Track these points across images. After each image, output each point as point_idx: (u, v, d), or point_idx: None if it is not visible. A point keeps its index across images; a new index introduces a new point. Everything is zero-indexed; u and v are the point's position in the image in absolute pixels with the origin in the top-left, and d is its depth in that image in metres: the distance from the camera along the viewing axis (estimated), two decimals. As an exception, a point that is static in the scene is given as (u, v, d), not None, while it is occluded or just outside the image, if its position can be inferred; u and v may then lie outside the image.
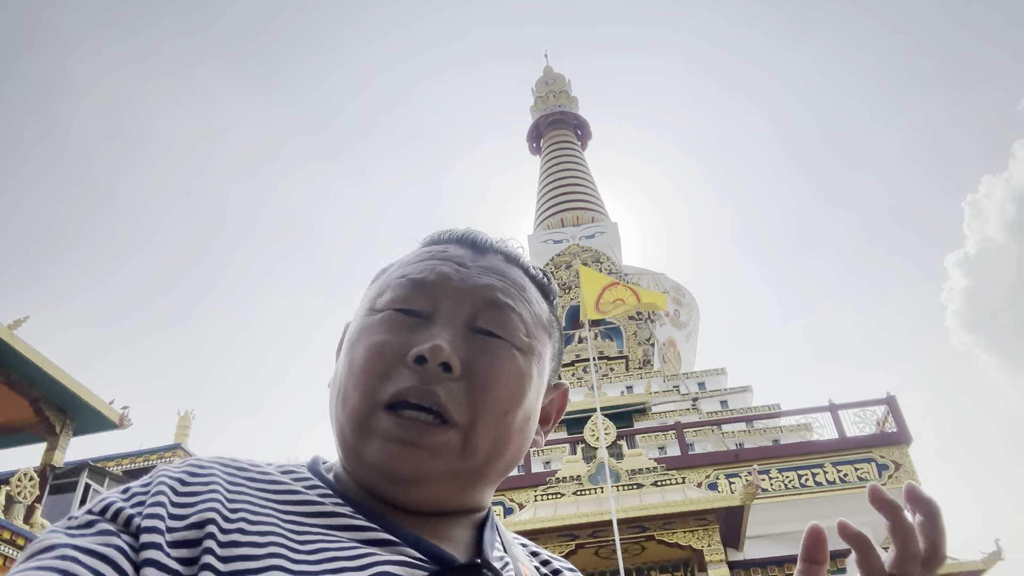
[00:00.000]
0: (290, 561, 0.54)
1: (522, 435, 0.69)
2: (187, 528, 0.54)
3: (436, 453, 0.62)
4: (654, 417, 18.75)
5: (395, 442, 0.62)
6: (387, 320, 0.68)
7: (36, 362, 12.80)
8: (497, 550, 0.69)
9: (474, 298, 0.69)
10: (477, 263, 0.73)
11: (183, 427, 20.28)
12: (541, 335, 0.73)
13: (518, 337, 0.69)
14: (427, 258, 0.73)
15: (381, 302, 0.70)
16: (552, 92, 36.14)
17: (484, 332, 0.68)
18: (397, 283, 0.71)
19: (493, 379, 0.66)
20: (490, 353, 0.67)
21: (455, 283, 0.70)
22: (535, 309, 0.74)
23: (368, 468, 0.64)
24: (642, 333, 23.89)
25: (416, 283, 0.70)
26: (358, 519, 0.61)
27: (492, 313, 0.69)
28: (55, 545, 0.51)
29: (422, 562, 0.59)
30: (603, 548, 12.07)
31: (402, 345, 0.65)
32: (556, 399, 0.78)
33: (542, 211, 30.94)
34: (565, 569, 0.79)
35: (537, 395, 0.72)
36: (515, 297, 0.72)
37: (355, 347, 0.68)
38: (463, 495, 0.67)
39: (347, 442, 0.66)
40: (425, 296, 0.69)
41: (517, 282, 0.74)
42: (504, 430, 0.66)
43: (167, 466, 0.62)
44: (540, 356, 0.72)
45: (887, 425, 14.22)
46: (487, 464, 0.66)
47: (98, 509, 0.56)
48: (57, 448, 13.99)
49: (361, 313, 0.72)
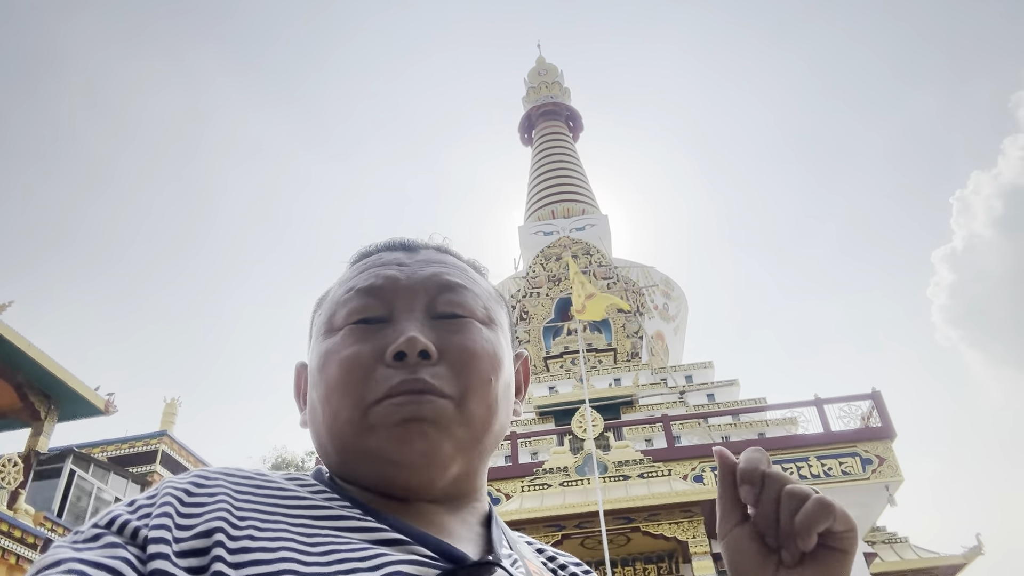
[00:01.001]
0: (302, 564, 0.54)
1: (507, 401, 0.73)
2: (194, 537, 0.54)
3: (437, 423, 0.64)
4: (641, 409, 18.82)
5: (398, 423, 0.64)
6: (349, 334, 0.70)
7: (20, 347, 12.71)
8: (505, 547, 0.70)
9: (426, 288, 0.73)
10: (414, 259, 0.76)
11: (169, 414, 20.16)
12: (495, 307, 0.78)
13: (478, 312, 0.73)
14: (365, 268, 0.76)
15: (336, 320, 0.72)
16: (544, 83, 36.04)
17: (446, 316, 0.71)
18: (346, 298, 0.73)
19: (470, 354, 0.69)
20: (459, 332, 0.70)
21: (403, 281, 0.73)
22: (483, 285, 0.78)
23: (376, 459, 0.65)
24: (631, 326, 23.94)
25: (365, 291, 0.72)
26: (367, 520, 0.62)
27: (448, 295, 0.73)
28: (62, 560, 0.50)
29: (434, 560, 0.59)
30: (589, 539, 12.13)
31: (375, 349, 0.67)
32: (520, 368, 0.83)
33: (533, 202, 30.91)
34: (571, 564, 0.80)
35: (510, 362, 0.76)
36: (462, 277, 0.76)
37: (326, 368, 0.69)
38: (467, 468, 0.69)
39: (348, 446, 0.67)
40: (378, 301, 0.71)
41: (457, 265, 0.78)
42: (492, 397, 0.69)
43: (173, 477, 0.62)
44: (501, 326, 0.77)
45: (872, 420, 14.33)
46: (483, 432, 0.68)
47: (104, 522, 0.56)
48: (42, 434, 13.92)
49: (318, 339, 0.74)
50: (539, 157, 32.65)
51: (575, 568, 0.79)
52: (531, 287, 24.95)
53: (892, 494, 13.37)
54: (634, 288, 24.93)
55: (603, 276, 24.81)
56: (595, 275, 24.66)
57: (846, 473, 13.45)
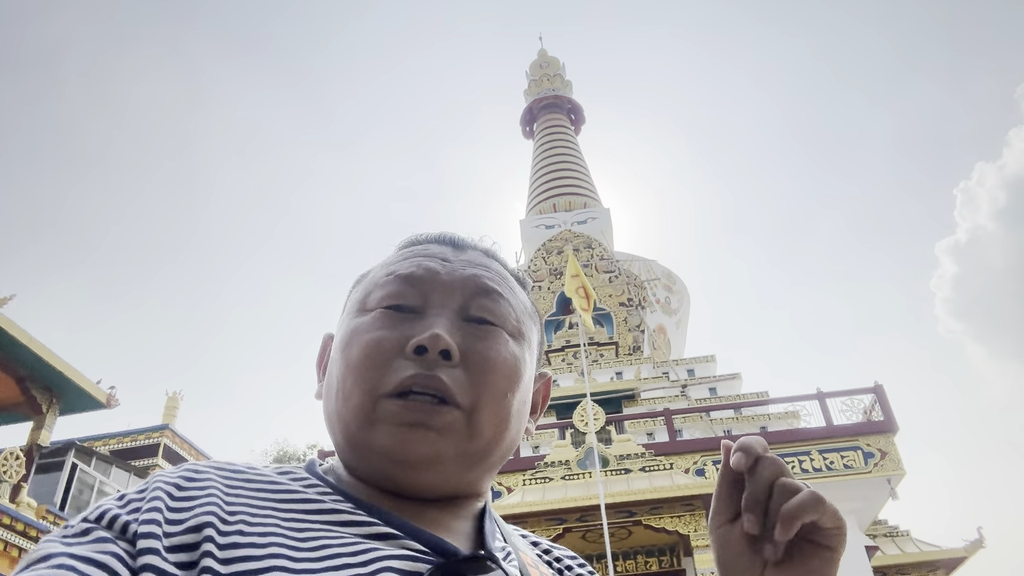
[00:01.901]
0: (292, 560, 0.53)
1: (520, 418, 0.72)
2: (184, 532, 0.54)
3: (444, 433, 0.63)
4: (643, 403, 18.82)
5: (404, 425, 0.63)
6: (379, 317, 0.69)
7: (22, 341, 12.72)
8: (499, 540, 0.69)
9: (463, 288, 0.72)
10: (459, 258, 0.75)
11: (171, 407, 20.19)
12: (528, 322, 0.76)
13: (509, 323, 0.72)
14: (410, 256, 0.75)
15: (370, 301, 0.72)
16: (546, 76, 35.94)
17: (476, 320, 0.70)
18: (385, 280, 0.73)
19: (491, 364, 0.67)
20: (485, 339, 0.69)
21: (443, 276, 0.72)
22: (521, 298, 0.77)
23: (377, 455, 0.64)
24: (632, 319, 23.93)
25: (404, 278, 0.72)
26: (359, 514, 0.61)
27: (483, 300, 0.71)
28: (51, 554, 0.50)
29: (425, 554, 0.59)
30: (590, 532, 12.14)
31: (399, 338, 0.67)
32: (540, 388, 0.81)
33: (534, 196, 30.86)
34: (566, 557, 0.80)
35: (530, 380, 0.74)
36: (501, 285, 0.75)
37: (350, 347, 0.68)
38: (468, 478, 0.68)
39: (352, 436, 0.66)
40: (414, 290, 0.71)
41: (500, 272, 0.77)
42: (505, 412, 0.68)
43: (163, 472, 0.62)
44: (530, 342, 0.75)
45: (874, 414, 14.32)
46: (490, 446, 0.67)
47: (94, 517, 0.56)
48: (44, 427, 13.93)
49: (349, 315, 0.73)
50: (540, 150, 32.58)
51: (570, 561, 0.79)
52: (532, 281, 24.92)
53: (894, 488, 13.37)
54: (636, 282, 24.90)
55: (605, 270, 24.78)
56: (596, 268, 24.63)
57: (848, 467, 13.45)
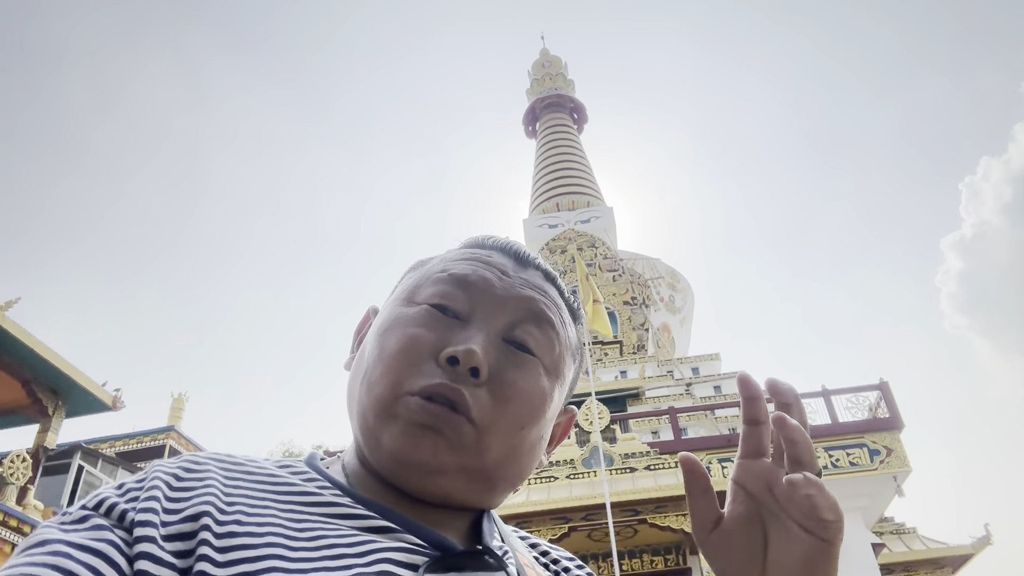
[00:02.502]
0: (289, 550, 0.54)
1: (533, 452, 0.70)
2: (182, 521, 0.54)
3: (452, 444, 0.63)
4: (648, 402, 18.81)
5: (417, 426, 0.62)
6: (424, 314, 0.68)
7: (28, 344, 12.75)
8: (496, 540, 0.69)
9: (515, 308, 0.70)
10: (519, 275, 0.73)
11: (176, 409, 20.25)
12: (568, 359, 0.74)
13: (549, 357, 0.70)
14: (470, 258, 0.73)
15: (420, 295, 0.71)
16: (548, 75, 35.93)
17: (517, 345, 0.68)
18: (438, 277, 0.71)
19: (518, 393, 0.66)
20: (519, 367, 0.67)
21: (497, 290, 0.70)
22: (568, 332, 0.74)
23: (385, 452, 0.64)
24: (636, 318, 23.90)
25: (458, 280, 0.70)
26: (357, 508, 0.61)
27: (530, 326, 0.70)
28: (48, 540, 0.51)
29: (422, 548, 0.59)
30: (596, 531, 12.14)
31: (436, 342, 0.66)
32: (563, 423, 0.79)
33: (538, 195, 30.84)
34: (564, 559, 0.79)
35: (553, 415, 0.73)
36: (554, 315, 0.72)
37: (388, 335, 0.68)
38: (470, 494, 0.67)
39: (368, 427, 0.66)
40: (465, 296, 0.69)
41: (555, 301, 0.74)
42: (518, 443, 0.67)
43: (162, 461, 0.62)
44: (564, 380, 0.73)
45: (879, 411, 14.28)
46: (496, 469, 0.66)
47: (92, 504, 0.56)
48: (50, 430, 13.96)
49: (396, 302, 0.72)
50: (543, 149, 32.56)
51: (568, 562, 0.78)
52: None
53: (900, 485, 13.34)
54: (640, 280, 24.88)
55: (608, 268, 24.77)
56: (600, 267, 24.61)
57: (854, 464, 13.42)
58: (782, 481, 0.58)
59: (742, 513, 0.60)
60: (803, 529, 0.56)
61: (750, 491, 0.60)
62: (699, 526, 0.62)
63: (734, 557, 0.60)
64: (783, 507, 0.57)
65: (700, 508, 0.61)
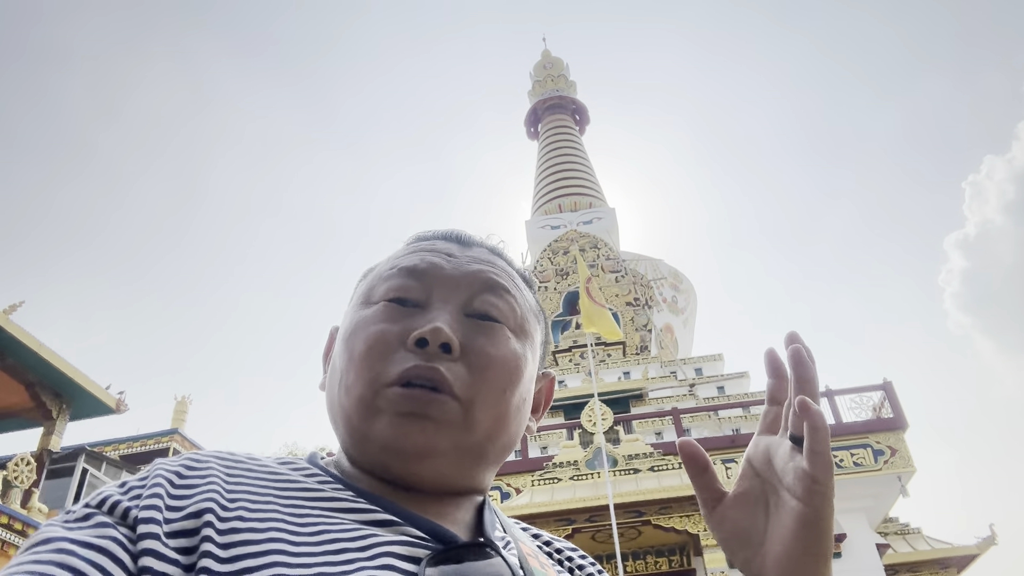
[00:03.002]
0: (291, 544, 0.54)
1: (519, 415, 0.72)
2: (184, 518, 0.55)
3: (441, 425, 0.64)
4: (651, 403, 18.79)
5: (403, 416, 0.63)
6: (383, 310, 0.70)
7: (32, 347, 12.79)
8: (498, 530, 0.69)
9: (468, 283, 0.72)
10: (466, 254, 0.75)
11: (180, 412, 20.29)
12: (532, 320, 0.76)
13: (513, 320, 0.72)
14: (416, 251, 0.75)
15: (375, 294, 0.72)
16: (550, 76, 35.94)
17: (479, 316, 0.71)
18: (389, 274, 0.73)
19: (491, 359, 0.68)
20: (488, 335, 0.69)
21: (447, 271, 0.72)
22: (525, 295, 0.77)
23: (376, 446, 0.65)
24: (639, 319, 23.89)
25: (408, 271, 0.72)
26: (359, 502, 0.62)
27: (488, 296, 0.72)
28: (52, 538, 0.51)
29: (424, 540, 0.59)
30: (599, 532, 12.13)
31: (401, 331, 0.67)
32: (544, 387, 0.81)
33: (540, 197, 30.85)
34: (567, 548, 0.80)
35: (531, 378, 0.74)
36: (507, 281, 0.75)
37: (353, 338, 0.69)
38: (465, 472, 0.68)
39: (354, 426, 0.67)
40: (419, 284, 0.71)
41: (505, 270, 0.77)
42: (503, 408, 0.68)
43: (164, 459, 0.62)
44: (532, 340, 0.75)
45: (883, 411, 14.26)
46: (487, 441, 0.68)
47: (95, 502, 0.56)
48: (54, 433, 14.01)
49: (354, 308, 0.74)
50: (545, 151, 32.57)
51: (571, 552, 0.79)
52: (539, 281, 24.92)
53: (904, 485, 13.31)
54: (642, 281, 24.86)
55: (611, 269, 24.75)
56: (603, 268, 24.61)
57: (858, 464, 13.40)
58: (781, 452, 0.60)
59: (746, 489, 0.62)
60: (794, 497, 0.57)
61: (755, 467, 0.62)
62: (704, 503, 0.65)
63: (735, 531, 0.62)
64: (780, 478, 0.59)
65: (702, 486, 0.64)
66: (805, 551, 0.57)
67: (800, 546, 0.57)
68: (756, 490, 0.62)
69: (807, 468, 0.56)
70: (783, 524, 0.58)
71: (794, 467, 0.58)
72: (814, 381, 0.60)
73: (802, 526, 0.57)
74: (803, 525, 0.56)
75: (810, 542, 0.57)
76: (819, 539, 0.57)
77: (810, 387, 0.59)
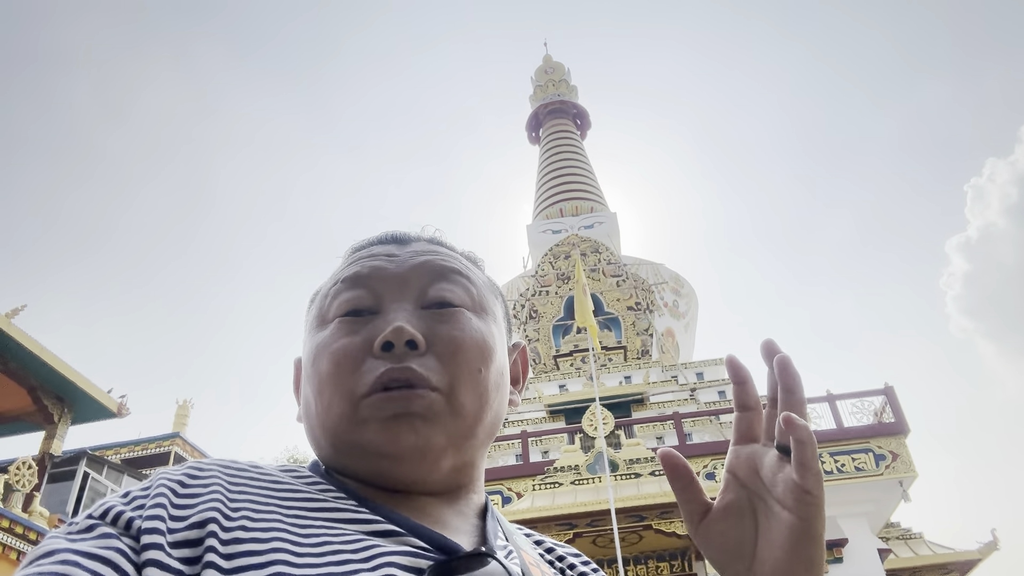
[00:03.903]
0: (294, 555, 0.54)
1: (500, 391, 0.72)
2: (188, 528, 0.55)
3: (428, 419, 0.64)
4: (652, 407, 18.76)
5: (389, 419, 0.63)
6: (339, 326, 0.70)
7: (34, 351, 12.80)
8: (500, 539, 0.69)
9: (417, 277, 0.72)
10: (405, 251, 0.75)
11: (182, 416, 20.28)
12: (488, 296, 0.76)
13: (469, 300, 0.72)
14: (355, 260, 0.75)
15: (329, 314, 0.72)
16: (551, 81, 35.99)
17: (436, 305, 0.71)
18: (334, 290, 0.73)
19: (459, 343, 0.68)
20: (448, 321, 0.69)
21: (392, 271, 0.72)
22: (475, 273, 0.77)
23: (369, 454, 0.65)
24: (640, 323, 23.88)
25: (352, 281, 0.72)
26: (362, 512, 0.62)
27: (439, 284, 0.72)
28: (55, 550, 0.51)
29: (427, 551, 0.59)
30: (601, 537, 12.11)
31: (364, 341, 0.67)
32: (518, 358, 0.82)
33: (541, 201, 30.87)
34: (570, 555, 0.79)
35: (503, 352, 0.75)
36: (455, 264, 0.75)
37: (318, 362, 0.69)
38: (460, 460, 0.68)
39: (342, 440, 0.66)
40: (366, 291, 0.71)
41: (450, 255, 0.77)
42: (483, 387, 0.68)
43: (167, 469, 0.62)
44: (494, 315, 0.75)
45: (885, 415, 14.24)
46: (475, 423, 0.68)
47: (98, 513, 0.56)
48: (55, 437, 14.01)
49: (311, 333, 0.74)
50: (547, 155, 32.61)
51: (574, 559, 0.79)
52: (540, 286, 24.92)
53: (906, 490, 13.29)
54: (643, 285, 24.86)
55: (612, 274, 24.76)
56: (604, 273, 24.61)
57: (859, 469, 13.38)
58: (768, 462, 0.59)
59: (732, 501, 0.62)
60: (784, 508, 0.57)
61: (740, 477, 0.62)
62: (689, 517, 0.64)
63: (725, 545, 0.61)
64: (769, 489, 0.59)
65: (687, 499, 0.63)
66: (797, 561, 0.57)
67: (793, 556, 0.57)
68: (742, 501, 0.61)
69: (798, 480, 0.56)
70: (774, 535, 0.58)
71: (783, 478, 0.58)
72: (800, 390, 0.60)
73: (794, 536, 0.57)
74: (795, 535, 0.57)
75: (802, 552, 0.57)
76: (811, 548, 0.57)
77: (795, 396, 0.60)
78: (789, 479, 0.57)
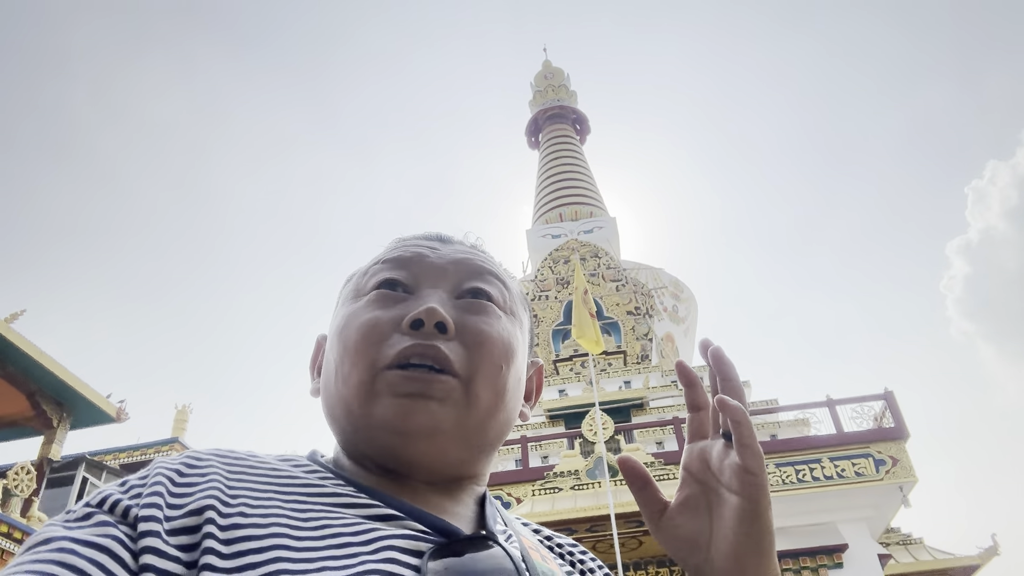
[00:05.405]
0: (294, 540, 0.54)
1: (516, 395, 0.73)
2: (185, 516, 0.55)
3: (443, 403, 0.64)
4: (652, 412, 18.75)
5: (404, 396, 0.64)
6: (374, 299, 0.71)
7: (33, 355, 12.78)
8: (500, 524, 0.70)
9: (455, 269, 0.74)
10: (448, 247, 0.78)
11: (180, 420, 20.26)
12: (519, 303, 0.78)
13: (501, 299, 0.74)
14: (399, 247, 0.77)
15: (364, 289, 0.73)
16: (551, 86, 36.05)
17: (470, 296, 0.72)
18: (374, 269, 0.75)
19: (487, 335, 0.69)
20: (479, 313, 0.71)
21: (433, 260, 0.74)
22: (510, 281, 0.79)
23: (379, 429, 0.65)
24: (640, 328, 23.87)
25: (395, 262, 0.74)
26: (361, 497, 0.62)
27: (474, 280, 0.74)
28: (53, 538, 0.51)
29: (427, 534, 0.60)
30: (601, 542, 12.08)
31: (395, 316, 0.68)
32: (534, 376, 0.83)
33: (541, 206, 30.89)
34: (568, 544, 0.80)
35: (523, 359, 0.76)
36: (493, 266, 0.78)
37: (347, 330, 0.69)
38: (466, 454, 0.68)
39: (354, 414, 0.67)
40: (406, 272, 0.73)
41: (490, 259, 0.79)
42: (502, 384, 0.69)
43: (165, 458, 0.62)
44: (521, 322, 0.77)
45: (885, 420, 14.23)
46: (488, 417, 0.68)
47: (95, 502, 0.56)
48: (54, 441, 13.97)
49: (344, 304, 0.75)
50: (546, 160, 32.63)
51: (572, 548, 0.80)
52: (539, 290, 24.92)
53: (906, 495, 13.26)
54: (643, 290, 24.86)
55: (612, 279, 24.76)
56: (603, 277, 24.62)
57: (859, 474, 13.35)
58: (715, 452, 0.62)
59: (688, 496, 0.64)
60: (732, 492, 0.60)
61: (694, 472, 0.64)
62: (648, 516, 0.66)
63: (682, 538, 0.63)
64: (718, 477, 0.62)
65: (644, 500, 0.66)
66: (747, 541, 0.59)
67: (743, 538, 0.59)
68: (697, 495, 0.64)
69: (739, 461, 0.59)
70: (725, 521, 0.60)
71: (729, 464, 0.60)
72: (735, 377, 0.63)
73: (742, 520, 0.59)
74: (743, 519, 0.59)
75: (752, 532, 0.59)
76: (760, 532, 0.59)
77: (730, 383, 0.63)
78: (734, 463, 0.60)
